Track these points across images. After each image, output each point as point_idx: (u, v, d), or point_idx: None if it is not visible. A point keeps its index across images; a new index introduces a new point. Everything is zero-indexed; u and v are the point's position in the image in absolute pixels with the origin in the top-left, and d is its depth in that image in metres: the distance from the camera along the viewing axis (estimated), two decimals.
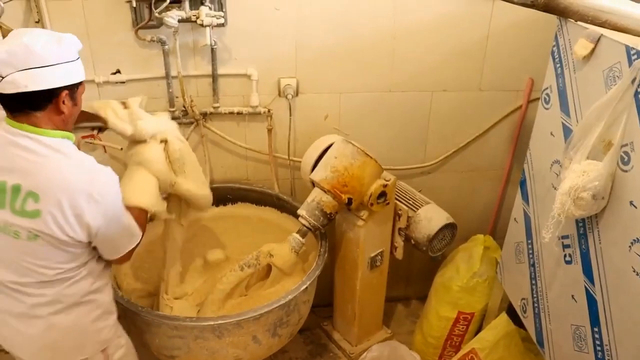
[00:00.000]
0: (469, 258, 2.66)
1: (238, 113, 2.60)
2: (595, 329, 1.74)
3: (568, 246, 1.89)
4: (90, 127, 2.54)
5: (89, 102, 1.96)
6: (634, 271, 1.55)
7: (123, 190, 1.73)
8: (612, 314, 1.67)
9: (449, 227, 2.50)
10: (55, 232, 1.55)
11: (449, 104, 2.74)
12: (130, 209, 1.78)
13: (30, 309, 1.68)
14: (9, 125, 1.57)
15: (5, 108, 1.57)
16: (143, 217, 1.89)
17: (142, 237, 1.83)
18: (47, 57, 1.51)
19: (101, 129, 2.59)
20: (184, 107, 2.54)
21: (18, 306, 1.68)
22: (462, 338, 2.72)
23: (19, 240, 1.58)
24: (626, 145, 1.60)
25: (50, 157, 1.55)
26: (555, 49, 2.01)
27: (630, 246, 1.57)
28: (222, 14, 2.35)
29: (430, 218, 2.48)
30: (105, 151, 2.57)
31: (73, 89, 1.62)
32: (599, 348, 1.72)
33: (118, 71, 2.49)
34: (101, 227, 1.61)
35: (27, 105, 1.54)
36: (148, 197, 1.95)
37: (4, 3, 2.02)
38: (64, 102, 1.58)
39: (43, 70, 1.51)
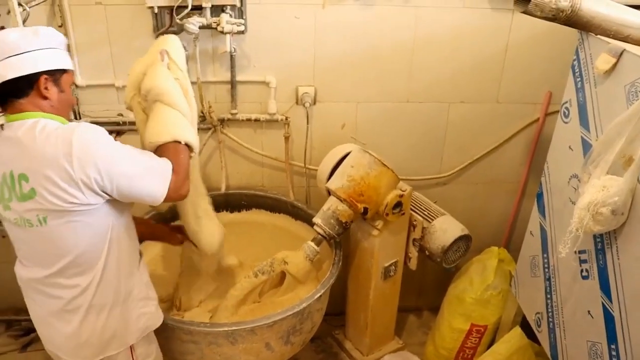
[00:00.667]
0: (483, 270, 2.64)
1: (255, 120, 2.62)
2: (612, 346, 1.72)
3: (585, 261, 1.88)
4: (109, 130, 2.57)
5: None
6: None
7: (148, 133, 1.83)
8: (630, 331, 1.65)
9: (464, 239, 2.50)
10: (55, 203, 1.57)
11: (466, 116, 2.74)
12: (163, 148, 1.79)
13: (67, 304, 1.72)
14: (2, 121, 1.64)
15: None
16: (178, 150, 1.82)
17: (184, 168, 1.80)
18: (22, 45, 1.57)
19: (119, 133, 2.63)
20: (202, 112, 2.55)
21: (56, 303, 1.72)
22: (474, 351, 2.70)
23: (34, 229, 1.62)
24: None
25: (28, 135, 1.57)
26: (575, 62, 2.01)
27: None
28: (242, 21, 2.37)
29: (445, 229, 2.47)
30: None
31: (55, 75, 1.64)
32: None
33: None
34: (100, 178, 1.58)
35: (10, 94, 1.60)
36: (173, 129, 1.84)
37: (29, 7, 2.05)
38: (46, 88, 1.61)
39: (19, 57, 1.56)
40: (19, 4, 2.01)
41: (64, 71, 1.67)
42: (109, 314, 1.78)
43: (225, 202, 2.74)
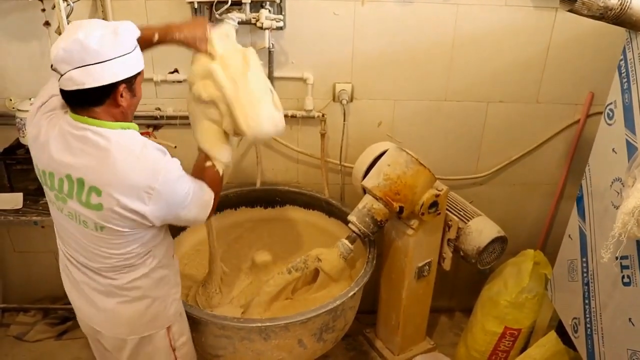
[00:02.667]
0: (518, 273, 2.61)
1: (292, 116, 2.62)
2: None
3: (627, 267, 1.83)
4: (146, 124, 2.60)
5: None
6: None
7: (201, 137, 1.91)
8: None
9: (499, 241, 2.46)
10: (119, 224, 1.60)
11: (505, 115, 2.70)
12: (202, 168, 1.89)
13: (105, 288, 1.76)
14: (71, 118, 1.59)
15: (67, 103, 1.59)
16: (213, 172, 1.89)
17: (218, 191, 1.88)
18: (103, 53, 1.50)
19: (156, 127, 2.65)
20: None
21: (93, 284, 1.77)
22: (507, 354, 2.67)
23: (88, 229, 1.64)
24: None
25: (111, 151, 1.55)
26: (622, 63, 1.96)
27: None
28: (281, 17, 2.36)
29: (481, 230, 2.44)
30: None
31: (131, 81, 1.60)
32: None
33: (176, 70, 2.53)
34: (165, 218, 1.68)
35: (86, 101, 1.55)
36: (210, 147, 1.90)
37: (73, 2, 2.08)
38: (122, 96, 1.58)
39: (99, 66, 1.50)
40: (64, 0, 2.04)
41: (138, 73, 1.63)
42: (152, 300, 1.82)
43: (259, 198, 2.75)
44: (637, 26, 1.73)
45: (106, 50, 1.50)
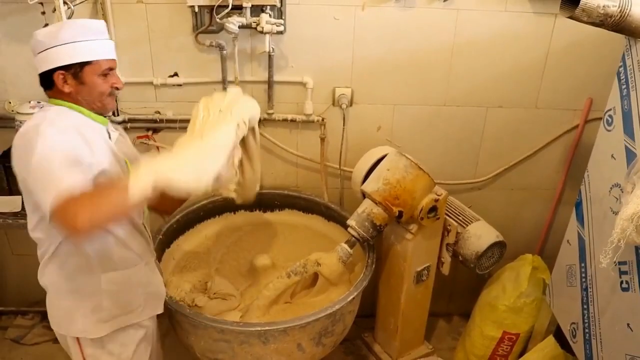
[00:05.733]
0: (516, 277, 2.61)
1: (291, 120, 2.62)
2: None
3: (626, 272, 1.84)
4: (145, 127, 2.61)
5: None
6: None
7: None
8: None
9: (498, 245, 2.47)
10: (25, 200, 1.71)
11: (504, 121, 2.71)
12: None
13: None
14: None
15: None
16: (111, 183, 1.65)
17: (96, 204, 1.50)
18: (45, 42, 1.65)
19: (155, 130, 2.66)
20: None
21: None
22: (505, 359, 2.67)
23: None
24: None
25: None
26: (622, 69, 1.97)
27: None
28: (281, 21, 2.37)
29: (480, 235, 2.45)
30: (159, 151, 2.63)
31: (72, 69, 1.67)
32: None
33: (176, 74, 2.53)
34: (20, 172, 1.58)
35: (43, 85, 1.73)
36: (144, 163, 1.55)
37: (74, 5, 2.08)
38: (66, 82, 1.68)
39: (42, 54, 1.66)
40: (64, 2, 2.05)
41: (86, 63, 1.68)
42: (58, 299, 1.86)
43: (258, 202, 2.74)
44: (636, 33, 1.74)
45: (47, 40, 1.65)
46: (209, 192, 1.73)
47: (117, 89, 1.76)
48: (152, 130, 2.65)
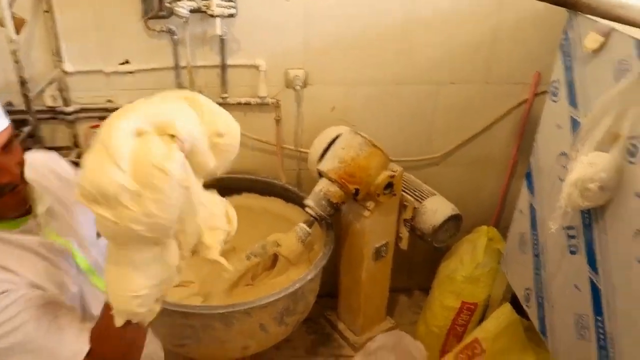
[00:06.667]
0: (473, 249, 2.68)
1: (246, 104, 2.62)
2: (599, 318, 1.76)
3: (573, 237, 1.91)
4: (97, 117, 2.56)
5: None
6: (639, 261, 1.57)
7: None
8: (615, 303, 1.69)
9: (454, 219, 2.53)
10: None
11: (456, 97, 2.76)
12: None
13: None
14: None
15: None
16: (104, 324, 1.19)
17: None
18: None
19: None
20: None
21: None
22: (465, 328, 2.74)
23: None
24: (634, 137, 1.61)
25: None
26: (564, 42, 2.03)
27: (634, 236, 1.59)
28: (233, 4, 2.36)
29: (436, 209, 2.50)
30: None
31: None
32: (601, 336, 1.75)
33: (127, 61, 2.50)
34: None
35: None
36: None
37: None
38: None
39: None
40: None
41: None
42: None
43: (214, 187, 2.73)
44: (576, 6, 1.79)
45: None
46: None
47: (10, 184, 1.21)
48: (104, 120, 2.61)
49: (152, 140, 1.02)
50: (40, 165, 1.46)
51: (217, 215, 1.27)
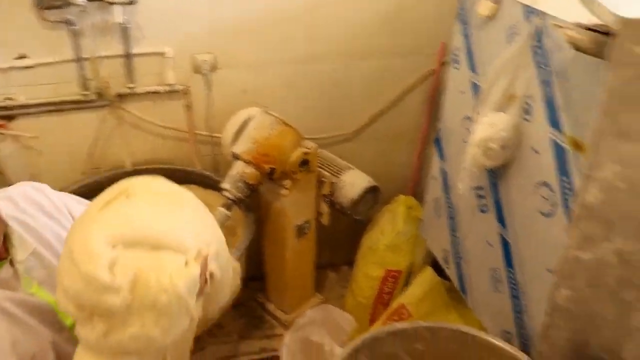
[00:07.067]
0: (393, 218, 2.75)
1: (154, 92, 2.57)
2: (510, 270, 1.85)
3: (482, 196, 2.00)
4: None
5: None
6: (540, 212, 1.66)
7: None
8: (522, 254, 1.78)
9: (372, 190, 2.58)
10: None
11: (366, 71, 2.80)
12: None
13: None
14: None
15: None
16: None
17: None
18: None
19: (10, 118, 2.51)
20: (98, 90, 2.48)
21: None
22: (391, 296, 2.81)
23: None
24: (527, 97, 1.70)
25: None
26: (461, 11, 2.11)
27: (534, 189, 1.68)
28: None
29: (353, 183, 2.55)
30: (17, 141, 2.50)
31: None
32: (513, 287, 1.84)
33: (24, 56, 2.40)
34: None
35: None
36: None
37: None
38: None
39: None
40: None
41: None
42: None
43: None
44: None
45: None
46: None
47: None
48: (5, 119, 2.51)
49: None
50: (24, 200, 1.26)
51: None
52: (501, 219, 1.90)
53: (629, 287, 1.06)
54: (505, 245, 1.88)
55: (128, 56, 2.47)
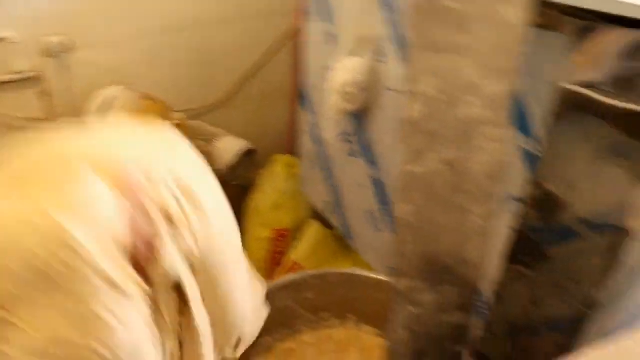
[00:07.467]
0: (273, 178, 2.78)
1: (1, 83, 2.41)
2: (385, 208, 1.94)
3: (350, 142, 2.06)
4: None
5: None
6: None
7: None
8: (392, 192, 1.87)
9: (248, 154, 2.59)
10: None
11: (229, 36, 2.77)
12: None
13: None
14: None
15: None
16: None
17: None
18: None
19: None
20: None
21: None
22: (282, 254, 2.86)
23: None
24: (379, 39, 1.76)
25: None
26: None
27: (396, 127, 1.76)
28: None
29: (227, 149, 2.54)
30: None
31: None
32: (391, 223, 1.94)
33: None
34: None
35: None
36: None
37: None
38: None
39: None
40: None
41: None
42: None
43: None
44: None
45: None
46: None
47: None
48: None
49: None
50: None
51: None
52: (371, 161, 1.97)
53: (459, 192, 1.16)
54: (379, 185, 1.96)
55: None
